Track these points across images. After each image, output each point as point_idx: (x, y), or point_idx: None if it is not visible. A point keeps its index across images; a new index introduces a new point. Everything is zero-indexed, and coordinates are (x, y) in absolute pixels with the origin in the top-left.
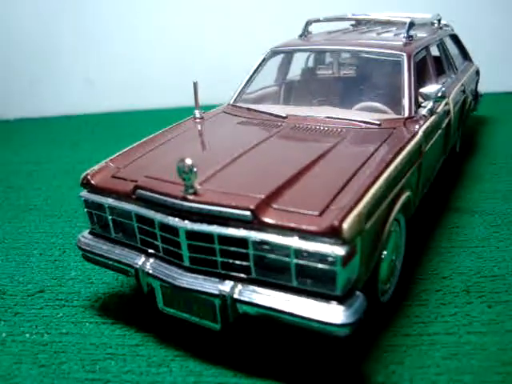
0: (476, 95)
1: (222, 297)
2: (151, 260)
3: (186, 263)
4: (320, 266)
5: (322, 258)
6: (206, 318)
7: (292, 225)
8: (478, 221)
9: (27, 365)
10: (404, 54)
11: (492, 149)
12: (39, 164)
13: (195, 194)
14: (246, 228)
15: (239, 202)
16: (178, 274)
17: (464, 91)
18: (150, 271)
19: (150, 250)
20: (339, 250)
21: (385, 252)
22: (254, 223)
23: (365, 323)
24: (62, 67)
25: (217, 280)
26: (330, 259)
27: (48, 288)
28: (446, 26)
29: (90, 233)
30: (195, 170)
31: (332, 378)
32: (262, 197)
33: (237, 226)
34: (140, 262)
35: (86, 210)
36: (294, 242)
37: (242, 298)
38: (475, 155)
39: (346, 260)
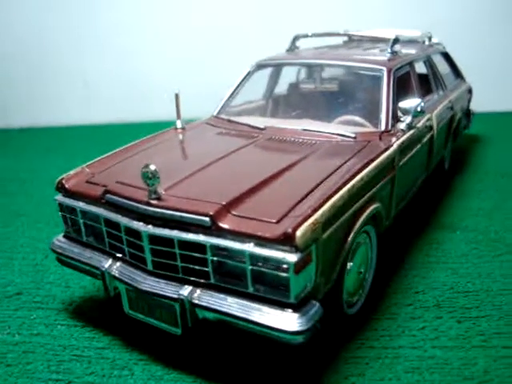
0: (468, 113)
1: (181, 301)
2: (118, 264)
3: (150, 267)
4: (274, 272)
5: (275, 264)
6: (167, 322)
7: (248, 231)
8: (459, 237)
9: None
10: (384, 69)
11: (482, 167)
12: (35, 172)
13: (159, 199)
14: (204, 233)
15: (199, 208)
16: (141, 277)
17: (452, 108)
18: (116, 274)
19: (118, 254)
20: (292, 257)
21: (350, 263)
22: (213, 229)
23: (330, 334)
24: (63, 79)
25: (177, 284)
26: (283, 266)
27: (26, 290)
28: (438, 44)
29: (65, 236)
30: (158, 175)
31: None
32: (223, 203)
33: (196, 232)
34: (106, 265)
35: (60, 213)
36: (250, 247)
37: (200, 303)
38: (464, 173)
39: (298, 267)
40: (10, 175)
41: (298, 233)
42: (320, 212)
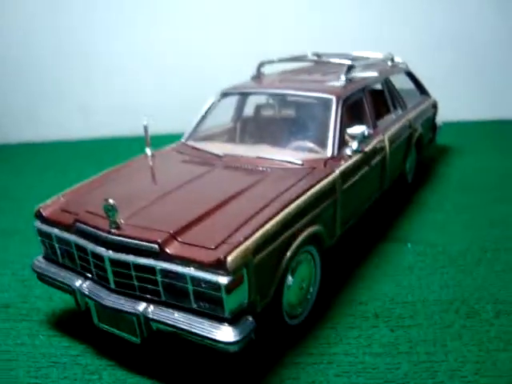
0: (434, 127)
1: (137, 316)
2: (87, 283)
3: (112, 286)
4: (211, 292)
5: (211, 285)
6: (128, 332)
7: (190, 256)
8: (409, 250)
9: None
10: (333, 98)
11: (445, 178)
12: (31, 188)
13: (117, 228)
14: (154, 258)
15: (150, 236)
16: (105, 294)
17: (410, 126)
18: (86, 292)
19: (88, 274)
20: (223, 280)
21: (290, 279)
22: (161, 254)
23: (275, 343)
24: (59, 96)
25: (135, 301)
26: (216, 287)
27: (14, 304)
28: (401, 63)
29: (44, 257)
30: (116, 208)
31: None
32: (170, 232)
33: (147, 256)
34: (78, 284)
35: (39, 237)
36: (191, 271)
37: (153, 317)
38: (427, 185)
39: (230, 288)
40: (7, 193)
41: (229, 258)
42: (251, 239)
